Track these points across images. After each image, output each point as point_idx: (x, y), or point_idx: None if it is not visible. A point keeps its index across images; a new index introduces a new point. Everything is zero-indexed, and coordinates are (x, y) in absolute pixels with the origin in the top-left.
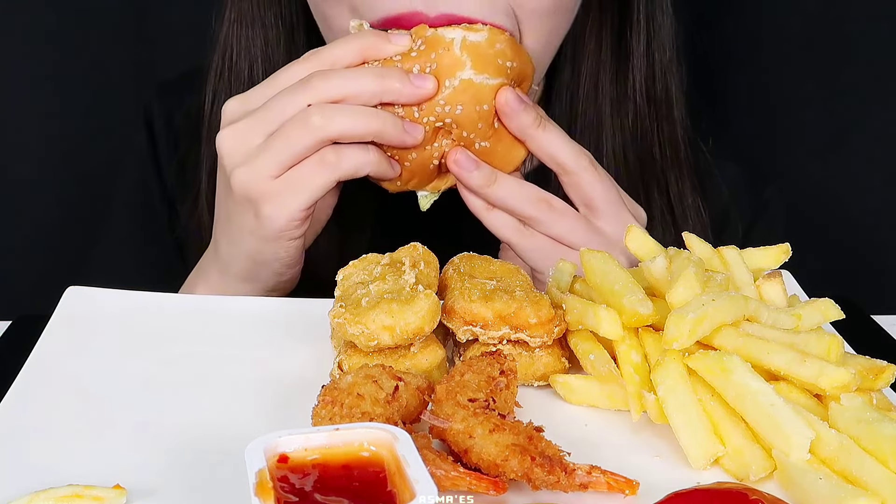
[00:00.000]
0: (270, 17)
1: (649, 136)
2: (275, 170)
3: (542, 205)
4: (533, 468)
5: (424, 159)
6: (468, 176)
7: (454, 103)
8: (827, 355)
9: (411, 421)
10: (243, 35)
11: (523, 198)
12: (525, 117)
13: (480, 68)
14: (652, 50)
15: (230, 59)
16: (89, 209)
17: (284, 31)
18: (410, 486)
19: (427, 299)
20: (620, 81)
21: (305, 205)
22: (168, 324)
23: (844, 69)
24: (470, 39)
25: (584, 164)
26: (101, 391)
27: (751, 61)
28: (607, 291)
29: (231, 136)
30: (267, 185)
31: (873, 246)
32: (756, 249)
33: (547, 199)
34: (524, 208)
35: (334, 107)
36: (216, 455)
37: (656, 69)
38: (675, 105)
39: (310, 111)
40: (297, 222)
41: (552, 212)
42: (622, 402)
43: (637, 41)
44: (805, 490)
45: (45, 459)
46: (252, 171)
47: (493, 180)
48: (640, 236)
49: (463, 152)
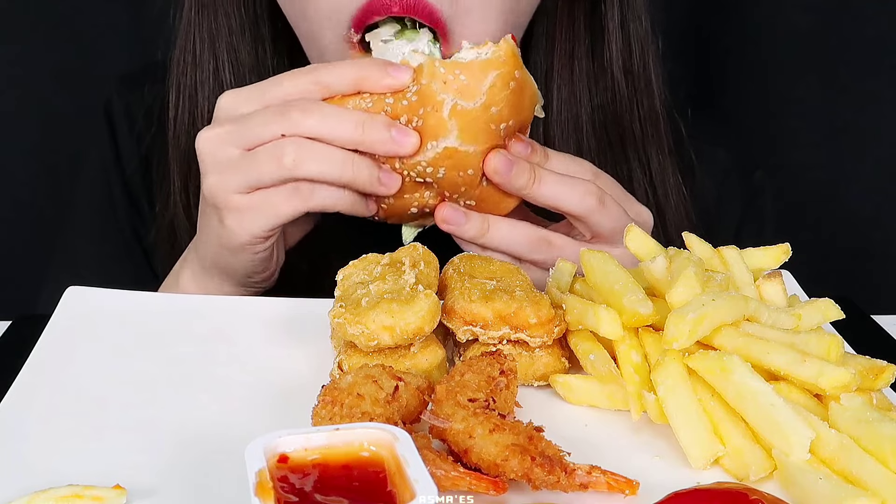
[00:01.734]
0: (233, 6)
1: (628, 110)
2: (242, 188)
3: (540, 245)
4: (533, 468)
5: (402, 205)
6: (459, 230)
7: (436, 166)
8: (827, 355)
9: (411, 421)
10: (205, 27)
11: (519, 242)
12: (517, 181)
13: (467, 138)
14: (627, 22)
15: (192, 53)
16: None
17: (248, 20)
18: (410, 486)
19: (427, 299)
20: (597, 56)
21: (268, 227)
22: (168, 324)
23: (843, 68)
24: (461, 106)
25: (590, 206)
26: (101, 391)
27: (749, 58)
28: (607, 291)
29: (210, 142)
30: (233, 199)
31: (873, 246)
32: (756, 249)
33: (545, 238)
34: (522, 252)
35: (309, 147)
36: (216, 455)
37: (632, 42)
38: (654, 78)
39: (285, 147)
40: (260, 240)
41: (551, 249)
42: (622, 402)
43: (611, 14)
44: (805, 490)
45: (45, 459)
46: (222, 181)
47: (485, 229)
48: (640, 236)
49: (450, 209)
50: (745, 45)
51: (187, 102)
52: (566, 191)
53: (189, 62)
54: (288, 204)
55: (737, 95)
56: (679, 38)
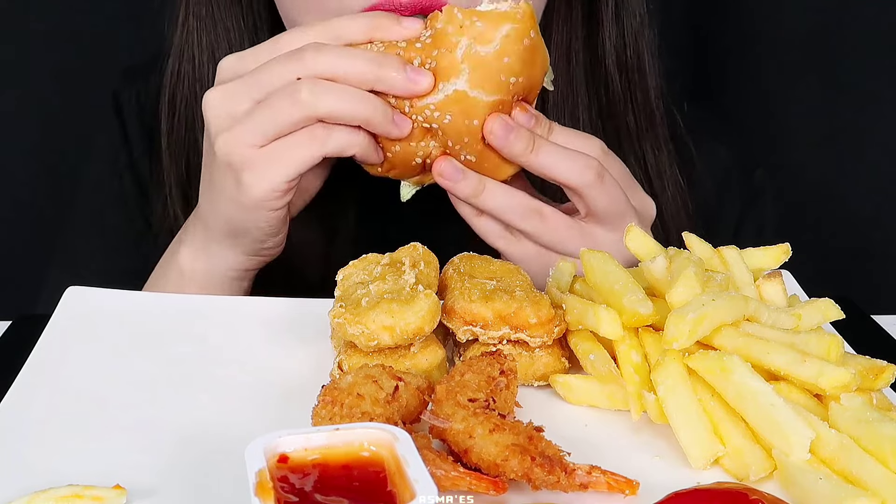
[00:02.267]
0: (231, 18)
1: (623, 105)
2: (258, 139)
3: (532, 216)
4: (533, 468)
5: (408, 154)
6: (454, 186)
7: (444, 111)
8: (827, 355)
9: (411, 421)
10: (203, 38)
11: (512, 208)
12: (515, 146)
13: (476, 83)
14: (622, 16)
15: (190, 63)
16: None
17: (248, 31)
18: (410, 486)
19: (427, 299)
20: (592, 50)
21: (289, 177)
22: (168, 324)
23: (843, 68)
24: (475, 50)
25: (588, 180)
26: (101, 391)
27: (748, 58)
28: (607, 291)
29: (218, 99)
30: (250, 153)
31: (873, 246)
32: (756, 249)
33: (538, 210)
34: (513, 220)
35: (326, 85)
36: (216, 455)
37: (627, 36)
38: (649, 72)
39: (300, 85)
40: (279, 193)
41: (543, 222)
42: (622, 402)
43: (606, 6)
44: (805, 490)
45: (45, 459)
46: (235, 137)
47: (480, 190)
48: (640, 236)
49: (448, 163)
50: (745, 45)
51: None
52: (564, 161)
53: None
54: (306, 149)
55: (736, 95)
56: (678, 38)
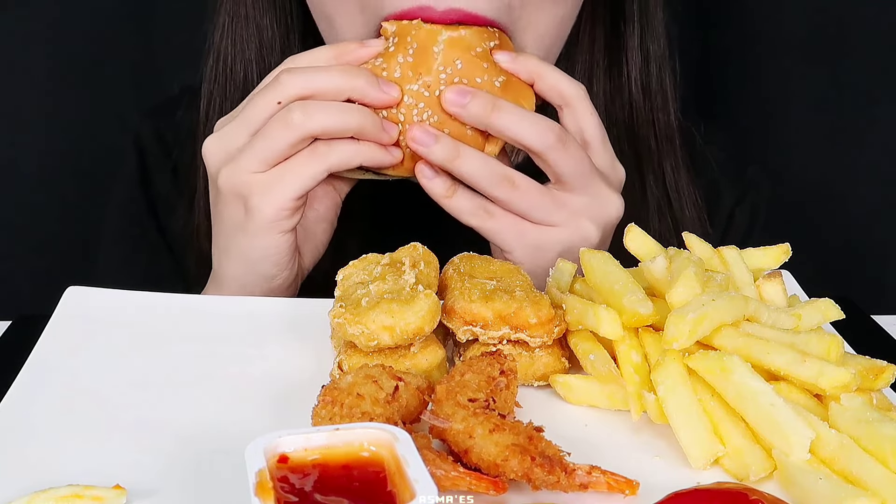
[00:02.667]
0: (265, 21)
1: (645, 127)
2: (259, 165)
3: (504, 183)
4: (533, 468)
5: None
6: (428, 151)
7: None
8: (827, 355)
9: (411, 421)
10: (238, 39)
11: (487, 175)
12: (472, 108)
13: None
14: (646, 43)
15: (225, 63)
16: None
17: (279, 34)
18: (410, 486)
19: (427, 299)
20: (614, 75)
21: (296, 193)
22: (168, 324)
23: (843, 67)
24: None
25: (550, 142)
26: (101, 391)
27: (746, 59)
28: (607, 291)
29: (215, 141)
30: (253, 179)
31: (873, 246)
32: (756, 249)
33: (510, 178)
34: (486, 186)
35: (314, 104)
36: (216, 455)
37: (651, 61)
38: (669, 94)
39: (290, 109)
40: (288, 212)
41: (515, 190)
42: (622, 402)
43: (631, 34)
44: (805, 490)
45: (45, 459)
46: (237, 167)
47: (456, 153)
48: (640, 236)
49: (421, 129)
50: (745, 45)
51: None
52: (524, 121)
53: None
54: (308, 166)
55: (736, 95)
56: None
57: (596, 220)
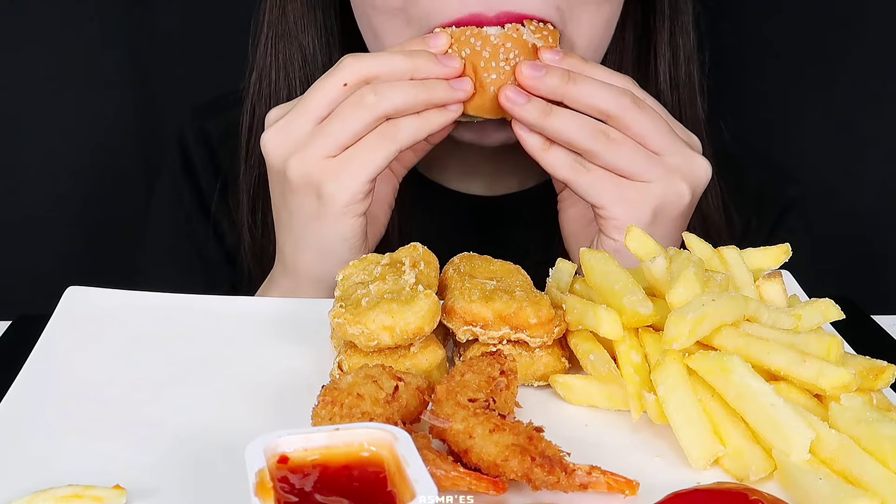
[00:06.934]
0: (308, 36)
1: None
2: (332, 149)
3: (599, 136)
4: (533, 468)
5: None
6: (521, 110)
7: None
8: (827, 355)
9: (411, 421)
10: (281, 53)
11: (580, 129)
12: (550, 80)
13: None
14: (675, 37)
15: (268, 77)
16: (90, 209)
17: (321, 49)
18: (410, 486)
19: (427, 299)
20: (642, 69)
21: (369, 177)
22: (168, 324)
23: (843, 67)
24: None
25: (626, 103)
26: (101, 391)
27: (748, 58)
28: (607, 291)
29: (276, 134)
30: (326, 164)
31: (873, 246)
32: (756, 249)
33: (604, 131)
34: (582, 140)
35: (385, 84)
36: (216, 455)
37: (680, 55)
38: (697, 88)
39: (362, 91)
40: (362, 195)
41: (610, 143)
42: (622, 402)
43: (661, 28)
44: (805, 490)
45: (45, 459)
46: (308, 155)
47: (548, 112)
48: (640, 236)
49: (513, 88)
50: (745, 45)
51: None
52: (599, 88)
53: (263, 86)
54: (379, 148)
55: (736, 95)
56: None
57: (688, 179)
